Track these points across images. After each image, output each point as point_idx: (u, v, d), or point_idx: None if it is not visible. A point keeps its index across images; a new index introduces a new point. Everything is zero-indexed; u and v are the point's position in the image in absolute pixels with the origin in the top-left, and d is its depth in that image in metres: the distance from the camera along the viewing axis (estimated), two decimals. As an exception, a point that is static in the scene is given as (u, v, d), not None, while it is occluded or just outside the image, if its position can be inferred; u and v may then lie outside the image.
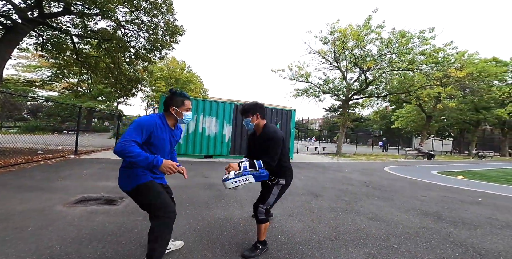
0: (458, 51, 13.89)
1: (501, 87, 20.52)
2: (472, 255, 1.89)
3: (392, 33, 11.11)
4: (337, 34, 11.34)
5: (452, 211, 3.23)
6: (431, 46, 11.46)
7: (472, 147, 23.65)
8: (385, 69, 11.71)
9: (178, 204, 3.06)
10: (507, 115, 19.62)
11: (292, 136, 9.70)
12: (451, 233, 2.39)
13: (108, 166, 5.68)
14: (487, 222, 2.78)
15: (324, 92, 13.51)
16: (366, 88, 12.92)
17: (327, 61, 13.24)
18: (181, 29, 9.30)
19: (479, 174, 8.15)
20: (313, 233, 2.31)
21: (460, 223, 2.72)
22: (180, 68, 27.03)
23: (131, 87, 10.76)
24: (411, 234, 2.36)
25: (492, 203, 3.84)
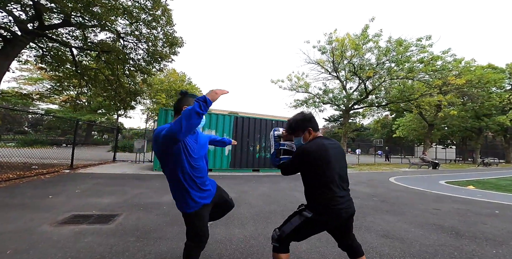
0: (456, 59, 14.06)
1: (500, 94, 20.60)
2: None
3: (389, 42, 11.29)
4: (335, 43, 11.54)
5: (470, 225, 3.00)
6: (429, 54, 11.60)
7: (476, 155, 23.29)
8: (384, 78, 11.77)
9: (173, 222, 2.88)
10: (509, 122, 19.49)
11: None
12: (474, 251, 2.17)
13: (103, 181, 5.48)
14: (510, 237, 2.54)
15: (324, 102, 13.50)
16: (366, 97, 12.92)
17: (326, 71, 13.37)
18: (180, 40, 9.42)
19: (489, 183, 7.87)
20: (321, 255, 2.10)
21: (482, 239, 2.49)
22: (180, 80, 27.38)
23: (130, 100, 10.75)
24: (430, 253, 2.13)
25: (509, 215, 3.59)
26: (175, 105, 1.47)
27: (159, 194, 4.41)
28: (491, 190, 6.19)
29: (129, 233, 2.43)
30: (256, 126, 8.84)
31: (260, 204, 3.91)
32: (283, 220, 2.94)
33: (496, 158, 24.70)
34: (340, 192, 1.34)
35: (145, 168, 8.48)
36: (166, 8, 8.48)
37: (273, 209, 3.61)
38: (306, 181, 1.42)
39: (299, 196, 4.65)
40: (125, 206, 3.46)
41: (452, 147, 31.73)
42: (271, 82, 14.20)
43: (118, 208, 3.34)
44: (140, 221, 2.87)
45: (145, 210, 3.33)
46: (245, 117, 8.98)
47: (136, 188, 4.83)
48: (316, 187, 1.36)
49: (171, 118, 7.85)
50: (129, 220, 2.86)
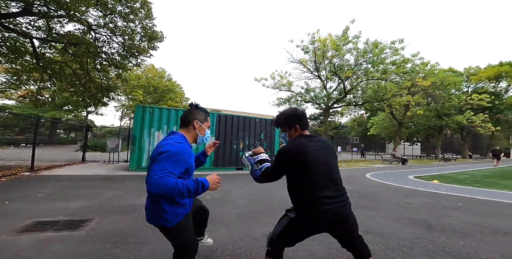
0: (423, 62, 15.25)
1: (459, 96, 22.88)
2: (473, 269, 1.82)
3: (366, 44, 11.89)
4: (317, 44, 11.89)
5: (438, 218, 3.26)
6: (400, 56, 12.43)
7: (438, 151, 25.71)
8: (361, 78, 12.40)
9: (151, 227, 2.71)
10: (465, 121, 21.78)
11: (277, 146, 9.65)
12: (445, 243, 2.34)
13: (71, 183, 5.02)
14: (476, 229, 2.81)
15: (306, 101, 13.90)
16: (345, 97, 13.53)
17: (308, 71, 13.76)
18: (160, 35, 8.94)
19: (449, 177, 8.70)
20: (309, 252, 2.12)
21: (450, 231, 2.71)
22: (160, 76, 26.16)
23: (101, 96, 9.97)
24: (407, 246, 2.26)
25: (472, 207, 3.98)
26: (184, 115, 1.38)
27: (136, 196, 4.15)
28: (452, 184, 6.84)
29: (103, 239, 2.25)
30: (239, 124, 8.76)
31: (245, 203, 3.86)
32: (269, 220, 3.01)
33: (454, 153, 27.55)
34: (326, 192, 1.26)
35: (120, 168, 7.95)
36: (145, 0, 7.97)
37: (259, 208, 3.58)
38: (290, 182, 1.37)
39: (284, 195, 4.67)
40: (97, 210, 3.20)
41: (417, 144, 34.63)
42: (255, 80, 14.25)
43: (89, 213, 3.08)
44: (116, 225, 2.67)
45: (122, 214, 3.11)
46: (228, 115, 8.85)
47: (110, 190, 4.50)
48: (298, 187, 1.30)
49: (148, 116, 7.44)
50: (103, 225, 2.65)
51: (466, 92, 25.58)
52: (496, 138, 33.10)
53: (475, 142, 33.60)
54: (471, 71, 27.23)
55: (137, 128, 7.30)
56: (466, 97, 22.62)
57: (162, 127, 7.65)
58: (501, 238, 2.50)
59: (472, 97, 21.97)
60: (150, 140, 7.44)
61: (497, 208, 3.95)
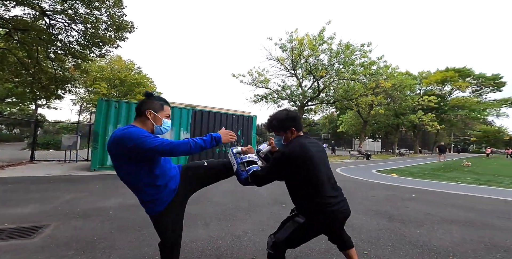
0: (386, 65, 16.68)
1: (413, 97, 25.66)
2: (429, 254, 2.07)
3: (339, 45, 12.50)
4: (295, 42, 12.14)
5: (398, 209, 3.63)
6: (367, 59, 13.38)
7: (395, 147, 28.67)
8: (333, 78, 13.08)
9: (125, 228, 2.52)
10: (417, 120, 24.59)
11: (254, 142, 9.71)
12: (405, 233, 2.62)
13: (18, 186, 4.42)
14: (427, 218, 3.19)
15: (282, 98, 14.22)
16: (318, 95, 14.17)
17: (285, 69, 14.03)
18: (131, 25, 8.21)
19: (405, 170, 9.78)
20: (308, 248, 2.17)
21: (408, 222, 3.04)
22: (128, 68, 24.10)
23: (55, 88, 8.84)
24: (375, 237, 2.48)
25: (423, 198, 4.52)
26: (137, 106, 1.30)
27: (101, 198, 3.82)
28: (407, 177, 7.70)
29: (64, 246, 2.04)
30: (216, 120, 8.58)
31: (225, 201, 3.81)
32: (250, 217, 3.02)
33: (407, 149, 31.03)
34: (330, 193, 1.29)
35: (78, 168, 7.19)
36: (115, -13, 7.22)
37: (238, 206, 3.57)
38: (293, 185, 1.35)
39: (263, 191, 4.73)
40: (54, 215, 2.88)
41: (378, 140, 38.15)
42: (232, 76, 14.09)
43: (43, 219, 2.75)
44: (78, 230, 2.43)
45: (85, 218, 2.85)
46: (205, 111, 8.59)
47: (68, 193, 4.06)
48: (304, 190, 1.29)
49: (114, 111, 6.82)
50: (62, 231, 2.39)
51: (419, 94, 28.78)
52: (440, 135, 38.20)
53: (424, 138, 38.22)
54: (423, 75, 30.72)
55: (100, 124, 6.64)
56: (419, 98, 25.48)
57: (130, 122, 7.08)
58: (448, 226, 2.89)
59: (423, 98, 24.81)
60: None
61: (443, 198, 4.56)
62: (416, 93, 28.26)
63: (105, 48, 8.57)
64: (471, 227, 2.81)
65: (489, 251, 2.13)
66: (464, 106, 28.23)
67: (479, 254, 2.07)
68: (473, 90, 30.85)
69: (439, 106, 27.67)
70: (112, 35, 8.16)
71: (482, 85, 30.27)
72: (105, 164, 6.67)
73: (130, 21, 8.14)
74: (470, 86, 29.94)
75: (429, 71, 31.37)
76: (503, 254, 2.06)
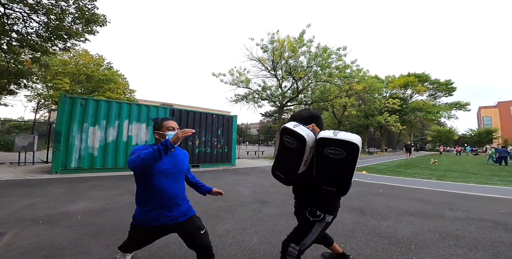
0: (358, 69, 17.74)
1: (380, 100, 27.78)
2: (395, 245, 2.31)
3: (318, 48, 12.97)
4: (276, 44, 12.29)
5: (368, 204, 3.95)
6: (342, 62, 14.11)
7: (365, 146, 30.82)
8: (311, 80, 13.56)
9: (101, 233, 2.39)
10: (383, 121, 26.72)
11: (234, 142, 9.67)
12: (374, 226, 2.87)
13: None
14: (392, 211, 3.53)
15: (263, 98, 14.34)
16: (297, 96, 14.58)
17: (266, 69, 14.15)
18: (102, 19, 7.60)
19: (373, 168, 10.61)
20: (271, 244, 2.26)
21: (376, 215, 3.34)
22: (96, 63, 22.18)
23: (7, 82, 7.84)
24: (349, 231, 2.68)
25: (388, 193, 4.97)
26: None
27: (66, 202, 3.53)
28: (375, 174, 8.37)
29: (28, 254, 1.90)
30: (195, 120, 8.37)
31: (205, 201, 3.76)
32: (232, 216, 3.04)
33: (375, 148, 33.58)
34: None
35: (36, 171, 6.48)
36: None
37: (219, 206, 3.56)
38: None
39: (243, 190, 4.78)
40: (11, 222, 2.61)
41: (350, 140, 40.59)
42: (213, 75, 13.86)
43: None
44: (43, 237, 2.25)
45: (49, 223, 2.63)
46: (183, 110, 8.31)
47: (25, 198, 3.69)
48: None
49: (80, 110, 6.30)
50: (23, 239, 2.20)
51: (385, 97, 31.26)
52: (402, 135, 42.06)
53: (389, 138, 41.65)
54: (390, 79, 33.40)
55: (63, 123, 6.09)
56: (385, 101, 27.67)
57: (99, 122, 6.58)
58: (409, 217, 3.24)
59: (389, 101, 27.01)
60: (82, 136, 6.33)
61: (405, 192, 5.06)
62: (383, 96, 30.65)
63: (71, 41, 7.82)
64: (428, 218, 3.18)
65: (443, 239, 2.45)
66: (422, 108, 31.41)
67: (435, 242, 2.37)
68: (429, 94, 34.48)
69: (401, 109, 30.36)
70: (80, 28, 7.46)
71: (437, 90, 34.03)
72: (69, 166, 6.12)
73: (102, 14, 7.54)
74: (427, 91, 33.42)
75: (394, 75, 34.21)
76: (454, 242, 2.38)
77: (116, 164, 6.77)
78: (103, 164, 6.57)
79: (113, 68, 24.08)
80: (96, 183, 5.12)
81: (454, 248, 2.21)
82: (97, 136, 6.52)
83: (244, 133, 28.80)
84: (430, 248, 2.20)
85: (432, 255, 2.05)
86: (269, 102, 15.43)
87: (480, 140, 43.68)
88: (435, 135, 45.50)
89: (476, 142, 43.60)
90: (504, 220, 3.07)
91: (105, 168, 6.57)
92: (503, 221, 3.03)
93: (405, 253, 2.10)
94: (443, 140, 45.68)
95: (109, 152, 6.67)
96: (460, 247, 2.24)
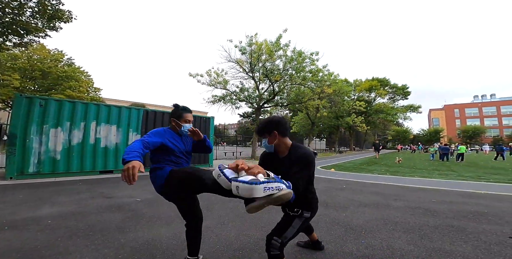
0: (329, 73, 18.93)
1: (349, 102, 29.98)
2: (350, 231, 2.76)
3: (293, 52, 13.58)
4: (254, 46, 12.55)
5: (332, 198, 4.47)
6: (315, 66, 14.97)
7: (336, 145, 32.96)
8: (287, 82, 14.17)
9: (76, 235, 2.50)
10: (351, 122, 28.92)
11: (212, 143, 9.72)
12: (335, 217, 3.34)
13: None
14: (351, 204, 4.08)
15: (240, 100, 14.54)
16: (273, 98, 15.08)
17: (244, 71, 14.35)
18: (67, 15, 7.10)
19: (341, 165, 11.58)
20: (248, 236, 2.53)
21: (338, 207, 3.83)
22: (54, 59, 20.11)
23: None
24: (315, 221, 3.05)
25: (351, 188, 5.61)
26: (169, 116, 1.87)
27: (29, 208, 3.43)
28: (342, 171, 9.21)
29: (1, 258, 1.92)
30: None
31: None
32: (211, 214, 3.25)
33: (345, 147, 36.06)
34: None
35: (-13, 174, 5.85)
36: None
37: (197, 205, 3.72)
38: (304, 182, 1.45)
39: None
40: None
41: (324, 140, 43.03)
42: (189, 76, 13.63)
43: None
44: (13, 241, 2.25)
45: (16, 229, 2.59)
46: (158, 112, 8.12)
47: None
48: (309, 188, 1.56)
49: (39, 110, 5.88)
50: None
51: (353, 99, 33.76)
52: (368, 135, 45.83)
53: (357, 137, 44.92)
54: (357, 82, 36.13)
55: (19, 124, 5.63)
56: (353, 103, 29.93)
57: (62, 123, 6.18)
58: (363, 208, 3.79)
59: (356, 103, 29.30)
60: (41, 139, 5.91)
61: (364, 187, 5.75)
62: (351, 99, 33.06)
63: (29, 37, 7.19)
64: (377, 208, 3.77)
65: (386, 225, 2.98)
66: (383, 110, 34.70)
67: (380, 228, 2.88)
68: (389, 97, 38.26)
69: (366, 111, 33.14)
70: (39, 23, 6.87)
71: (395, 94, 37.92)
72: (26, 171, 5.66)
73: (68, 10, 7.05)
74: (387, 94, 37.00)
75: (361, 79, 37.12)
76: (393, 227, 2.92)
77: (83, 168, 6.43)
78: (67, 168, 6.19)
79: (74, 64, 22.13)
80: (61, 187, 4.88)
81: (392, 232, 2.74)
82: (59, 138, 6.10)
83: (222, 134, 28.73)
84: (375, 233, 2.69)
85: (376, 239, 2.53)
86: (246, 104, 15.70)
87: (430, 138, 49.77)
88: (394, 134, 50.53)
89: (427, 141, 49.55)
90: (433, 208, 3.79)
91: (69, 172, 6.20)
92: (432, 208, 3.74)
93: (357, 238, 2.55)
94: (400, 139, 50.92)
95: (74, 155, 6.29)
96: (397, 231, 2.77)
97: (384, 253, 2.18)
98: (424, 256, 2.11)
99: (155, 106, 41.58)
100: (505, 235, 2.62)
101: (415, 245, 2.36)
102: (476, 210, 3.68)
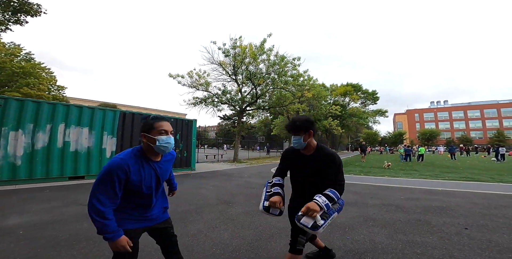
0: (309, 78, 19.72)
1: (325, 106, 31.48)
2: (334, 229, 2.97)
3: (276, 56, 13.91)
4: (238, 49, 12.57)
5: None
6: (296, 71, 15.50)
7: (313, 147, 34.27)
8: (269, 86, 14.44)
9: (59, 244, 2.39)
10: (328, 125, 30.41)
11: (194, 146, 9.51)
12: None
13: None
14: (333, 202, 4.37)
15: (222, 102, 14.41)
16: (256, 101, 15.25)
17: (227, 74, 14.29)
18: (36, 8, 6.50)
19: (319, 166, 12.10)
20: (242, 238, 2.60)
21: (322, 206, 4.09)
22: (9, 53, 18.03)
23: None
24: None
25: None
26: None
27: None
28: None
29: None
30: (150, 124, 7.94)
31: (171, 205, 3.81)
32: (201, 218, 3.28)
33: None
34: None
35: None
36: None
37: (186, 209, 3.70)
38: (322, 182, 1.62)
39: (206, 193, 4.96)
40: None
41: (302, 142, 44.40)
42: (170, 77, 13.14)
43: None
44: None
45: None
46: (136, 114, 7.74)
47: None
48: None
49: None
50: None
51: (329, 103, 35.57)
52: (343, 137, 48.50)
53: (333, 140, 47.24)
54: (333, 87, 38.15)
55: None
56: (329, 107, 31.52)
57: (23, 125, 5.61)
58: (345, 207, 3.98)
59: (332, 107, 30.91)
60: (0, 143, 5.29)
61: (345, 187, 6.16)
62: (328, 103, 34.79)
63: None
64: (356, 206, 4.10)
65: (366, 222, 3.28)
66: (356, 114, 37.11)
67: (361, 224, 3.16)
68: (361, 102, 41.11)
69: (342, 114, 35.14)
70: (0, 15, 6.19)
71: (366, 99, 40.90)
72: None
73: (37, 3, 6.51)
74: (359, 99, 39.70)
75: (336, 84, 39.29)
76: (372, 223, 3.23)
77: (48, 174, 5.87)
78: (29, 174, 5.60)
79: (34, 60, 20.02)
80: (27, 195, 4.46)
81: (372, 228, 3.03)
82: (20, 142, 5.51)
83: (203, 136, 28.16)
84: (357, 229, 2.95)
85: (359, 234, 2.78)
86: (229, 107, 15.65)
87: (395, 140, 54.32)
88: (365, 137, 54.19)
89: (392, 143, 54.02)
90: (403, 204, 4.24)
91: (33, 179, 5.62)
92: (402, 205, 4.19)
93: (343, 235, 2.77)
94: (370, 141, 54.79)
95: (37, 161, 5.71)
96: (376, 226, 3.07)
97: (367, 246, 2.43)
98: (401, 248, 2.39)
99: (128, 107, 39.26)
100: (462, 227, 3.06)
101: (392, 238, 2.65)
102: (437, 205, 4.20)
